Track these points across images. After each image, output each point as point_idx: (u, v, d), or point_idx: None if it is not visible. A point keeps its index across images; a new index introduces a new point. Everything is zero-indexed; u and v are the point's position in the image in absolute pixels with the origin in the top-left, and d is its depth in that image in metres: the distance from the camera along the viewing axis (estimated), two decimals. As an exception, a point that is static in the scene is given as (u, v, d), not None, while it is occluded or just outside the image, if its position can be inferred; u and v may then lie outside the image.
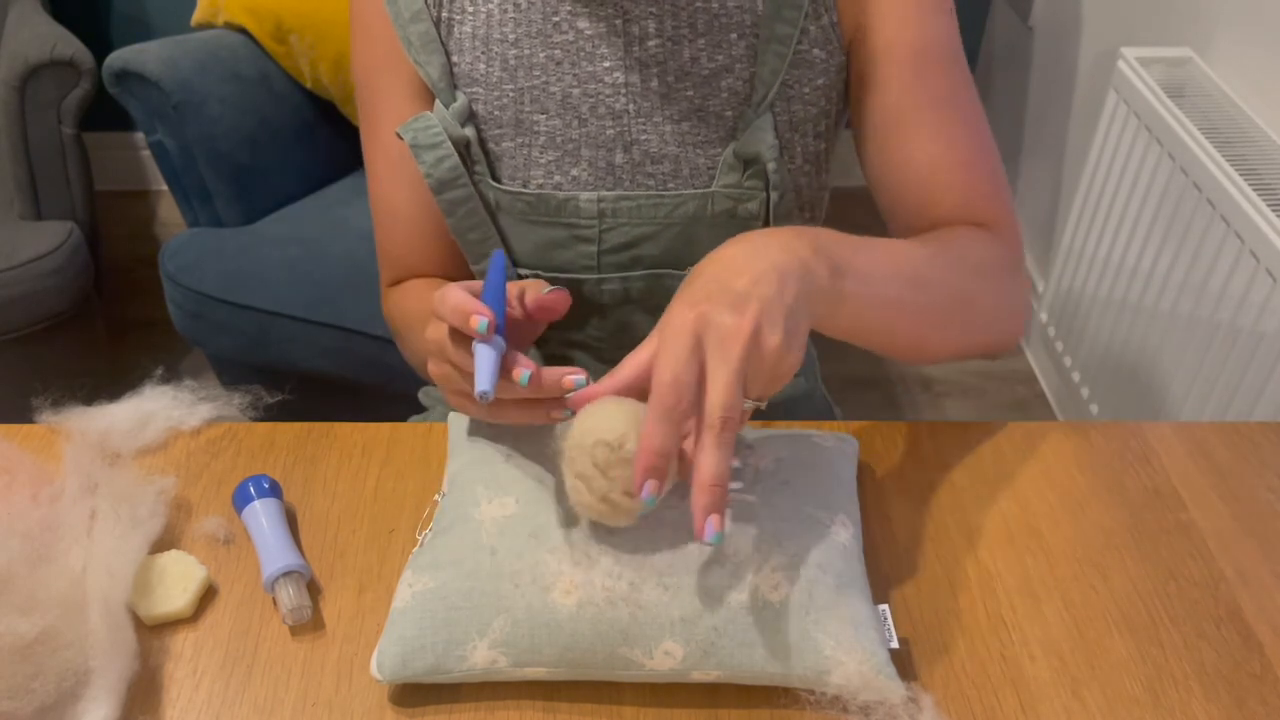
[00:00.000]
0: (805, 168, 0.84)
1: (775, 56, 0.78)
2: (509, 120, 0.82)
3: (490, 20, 0.80)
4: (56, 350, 1.75)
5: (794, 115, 0.81)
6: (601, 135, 0.81)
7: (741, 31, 0.79)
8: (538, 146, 0.82)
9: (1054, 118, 2.08)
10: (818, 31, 0.79)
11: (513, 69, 0.80)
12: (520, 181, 0.83)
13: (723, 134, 0.81)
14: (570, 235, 0.83)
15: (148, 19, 2.39)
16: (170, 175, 1.71)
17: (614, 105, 0.80)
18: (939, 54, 0.79)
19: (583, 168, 0.82)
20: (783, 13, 0.78)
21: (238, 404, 0.80)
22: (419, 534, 0.72)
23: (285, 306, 1.57)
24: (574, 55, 0.80)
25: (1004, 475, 0.78)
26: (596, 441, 0.59)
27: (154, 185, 2.60)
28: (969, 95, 0.81)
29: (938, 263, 0.73)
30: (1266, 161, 1.36)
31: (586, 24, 0.79)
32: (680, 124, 0.80)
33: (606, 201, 0.81)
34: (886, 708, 0.60)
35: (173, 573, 0.67)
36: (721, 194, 0.81)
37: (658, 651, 0.60)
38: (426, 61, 0.81)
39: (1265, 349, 1.27)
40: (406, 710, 0.62)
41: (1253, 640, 0.67)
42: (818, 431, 0.75)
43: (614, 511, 0.60)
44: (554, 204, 0.82)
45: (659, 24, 0.78)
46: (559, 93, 0.80)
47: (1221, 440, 0.81)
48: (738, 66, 0.79)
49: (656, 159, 0.81)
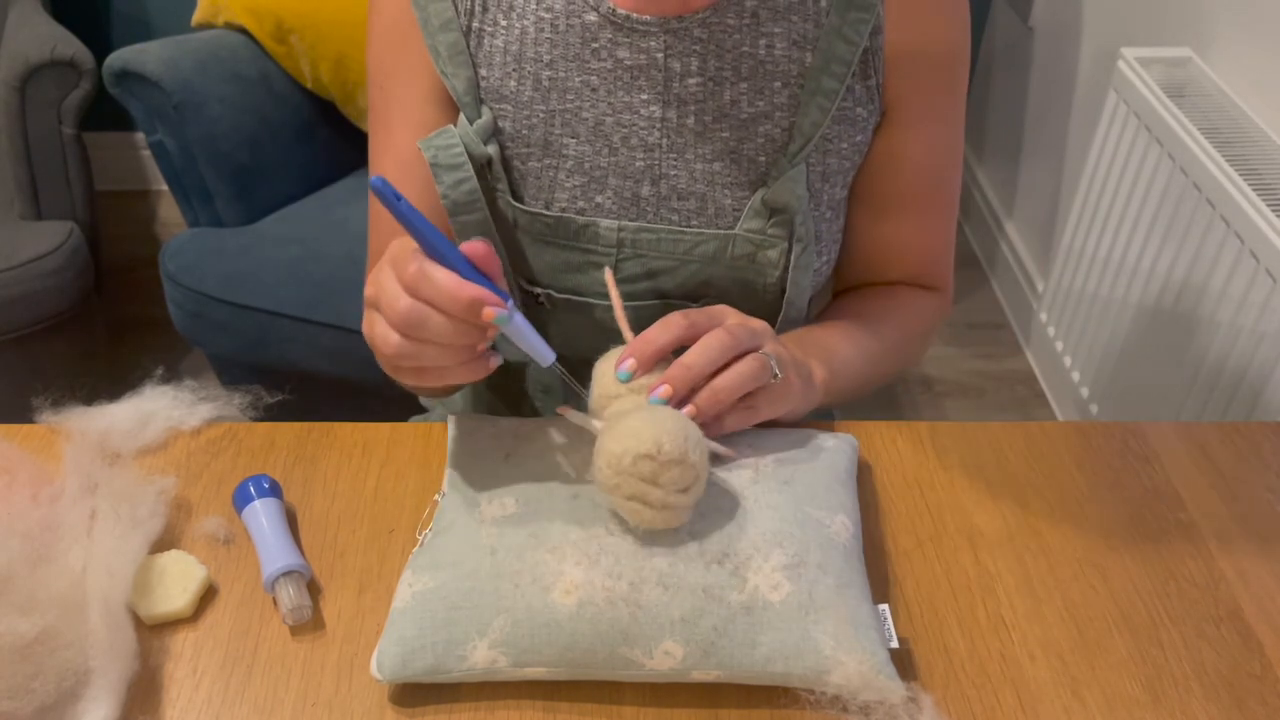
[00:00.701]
0: (828, 214, 0.83)
1: (819, 110, 0.77)
2: (537, 141, 0.80)
3: (524, 38, 0.78)
4: (56, 350, 1.75)
5: (827, 168, 0.81)
6: (631, 166, 0.80)
7: (786, 80, 0.78)
8: (564, 170, 0.80)
9: (1054, 118, 2.08)
10: (863, 91, 0.79)
11: (545, 90, 0.79)
12: (543, 203, 0.81)
13: (753, 178, 0.80)
14: (586, 260, 0.82)
15: (148, 19, 2.39)
16: (170, 175, 1.71)
17: (647, 138, 0.79)
18: (948, 156, 0.85)
19: (608, 196, 0.81)
20: (831, 67, 0.77)
21: (238, 404, 0.80)
22: (419, 534, 0.72)
23: (285, 306, 1.57)
24: (610, 84, 0.78)
25: (1004, 475, 0.78)
26: (636, 458, 0.60)
27: (154, 185, 2.60)
28: (956, 184, 0.88)
29: (890, 342, 0.87)
30: (1266, 161, 1.36)
31: (627, 54, 0.77)
32: (712, 164, 0.79)
33: (627, 231, 0.80)
34: (886, 708, 0.60)
35: (173, 573, 0.67)
36: (744, 237, 0.80)
37: (658, 651, 0.60)
38: (453, 74, 0.79)
39: (1265, 349, 1.27)
40: (406, 710, 0.62)
41: (1253, 640, 0.67)
42: (818, 431, 0.75)
43: (676, 513, 0.62)
44: (574, 228, 0.81)
45: (702, 63, 0.77)
46: (591, 119, 0.79)
47: (1221, 440, 0.81)
48: (777, 114, 0.78)
49: (683, 195, 0.80)
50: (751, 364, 0.68)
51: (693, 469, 0.61)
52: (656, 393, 0.66)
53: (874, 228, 0.87)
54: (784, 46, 0.77)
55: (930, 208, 0.87)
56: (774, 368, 0.70)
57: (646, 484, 0.60)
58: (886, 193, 0.85)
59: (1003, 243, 2.33)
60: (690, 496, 0.62)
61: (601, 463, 0.62)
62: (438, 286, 0.59)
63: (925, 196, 0.86)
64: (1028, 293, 2.18)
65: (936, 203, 0.87)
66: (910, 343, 0.90)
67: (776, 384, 0.70)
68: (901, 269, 0.90)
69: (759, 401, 0.70)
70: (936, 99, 0.81)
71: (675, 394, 0.66)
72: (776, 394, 0.71)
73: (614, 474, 0.61)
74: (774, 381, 0.70)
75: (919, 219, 0.87)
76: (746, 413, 0.70)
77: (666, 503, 0.61)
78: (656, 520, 0.61)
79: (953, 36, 0.80)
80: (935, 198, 0.86)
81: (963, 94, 0.84)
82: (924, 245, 0.89)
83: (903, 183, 0.84)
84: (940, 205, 0.87)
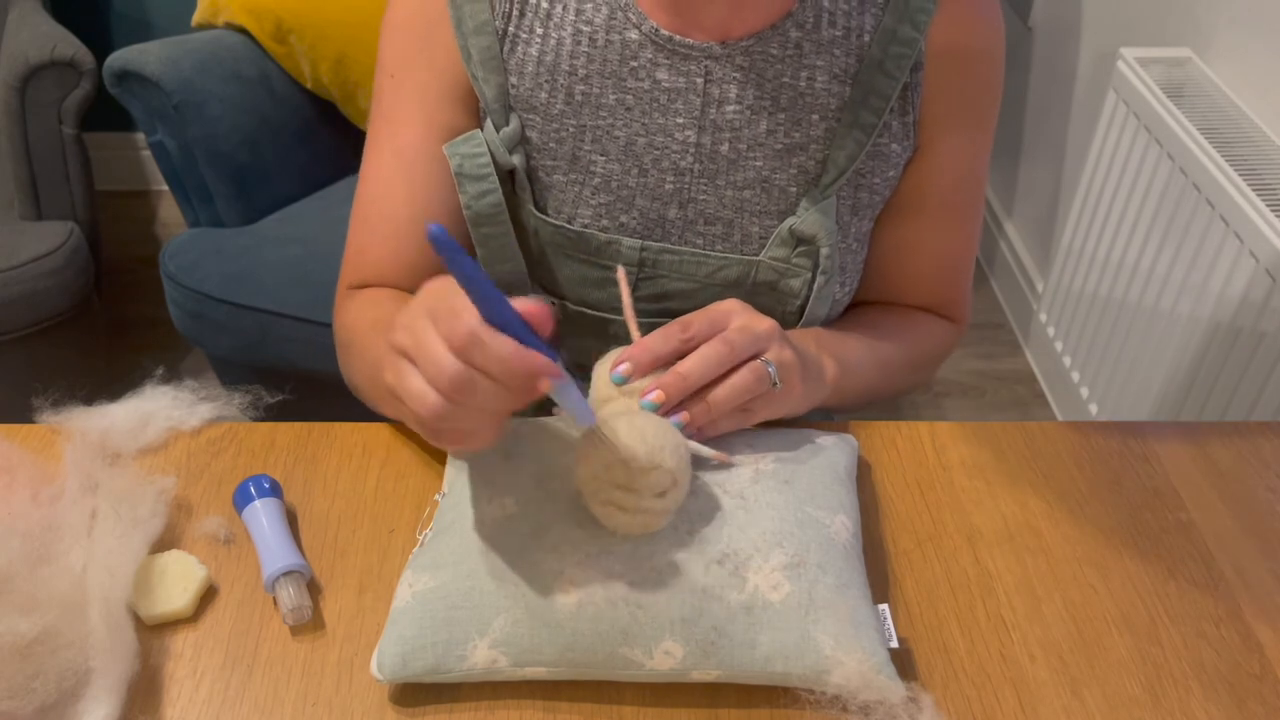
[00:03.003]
0: (854, 246, 0.83)
1: (854, 144, 0.77)
2: (565, 154, 0.79)
3: (560, 49, 0.77)
4: (56, 350, 1.75)
5: (858, 201, 0.80)
6: (660, 189, 0.79)
7: (824, 114, 0.77)
8: (590, 187, 0.79)
9: (1054, 118, 2.08)
10: (899, 127, 0.79)
11: (578, 104, 0.78)
12: (565, 216, 0.80)
13: (783, 207, 0.79)
14: (605, 276, 0.81)
15: (148, 19, 2.39)
16: (171, 175, 1.71)
17: (679, 162, 0.78)
18: (974, 179, 0.85)
19: (633, 216, 0.80)
20: (870, 101, 0.76)
21: (238, 404, 0.80)
22: (419, 534, 0.72)
23: (285, 306, 1.57)
24: (646, 104, 0.77)
25: (1004, 475, 0.78)
26: (610, 464, 0.60)
27: (154, 185, 2.60)
28: (980, 207, 0.88)
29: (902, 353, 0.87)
30: (1266, 161, 1.36)
31: (665, 76, 0.76)
32: (742, 191, 0.79)
33: (650, 252, 0.80)
34: (886, 707, 0.60)
35: (173, 573, 0.67)
36: (768, 265, 0.79)
37: (658, 651, 0.60)
38: (484, 79, 0.78)
39: (1265, 349, 1.27)
40: (406, 710, 0.62)
41: (1252, 640, 0.67)
42: (817, 431, 0.75)
43: (652, 517, 0.61)
44: (595, 244, 0.80)
45: (740, 90, 0.76)
46: (623, 138, 0.78)
47: (1221, 440, 0.81)
48: (813, 147, 0.78)
49: (710, 220, 0.80)
50: (748, 376, 0.67)
51: (670, 474, 0.60)
52: (648, 398, 0.66)
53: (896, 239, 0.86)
54: (825, 80, 0.76)
55: (954, 225, 0.86)
56: (773, 377, 0.68)
57: (621, 490, 0.60)
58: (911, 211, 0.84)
59: (1002, 242, 2.33)
60: (668, 501, 0.61)
61: (578, 467, 0.62)
62: (494, 356, 0.52)
63: (951, 215, 0.85)
64: (1027, 292, 2.18)
65: (961, 222, 0.86)
66: (921, 361, 0.89)
67: (776, 391, 0.69)
68: (918, 293, 0.89)
69: (756, 406, 0.70)
70: (969, 127, 0.82)
71: (668, 401, 0.66)
72: (775, 400, 0.70)
73: (589, 478, 0.61)
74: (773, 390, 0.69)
75: (942, 235, 0.86)
76: (742, 415, 0.70)
77: (641, 507, 0.60)
78: (633, 525, 0.61)
79: (991, 73, 0.80)
80: (959, 217, 0.86)
81: (994, 123, 0.84)
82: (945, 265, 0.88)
83: (931, 203, 0.84)
84: (964, 224, 0.87)
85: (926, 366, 0.91)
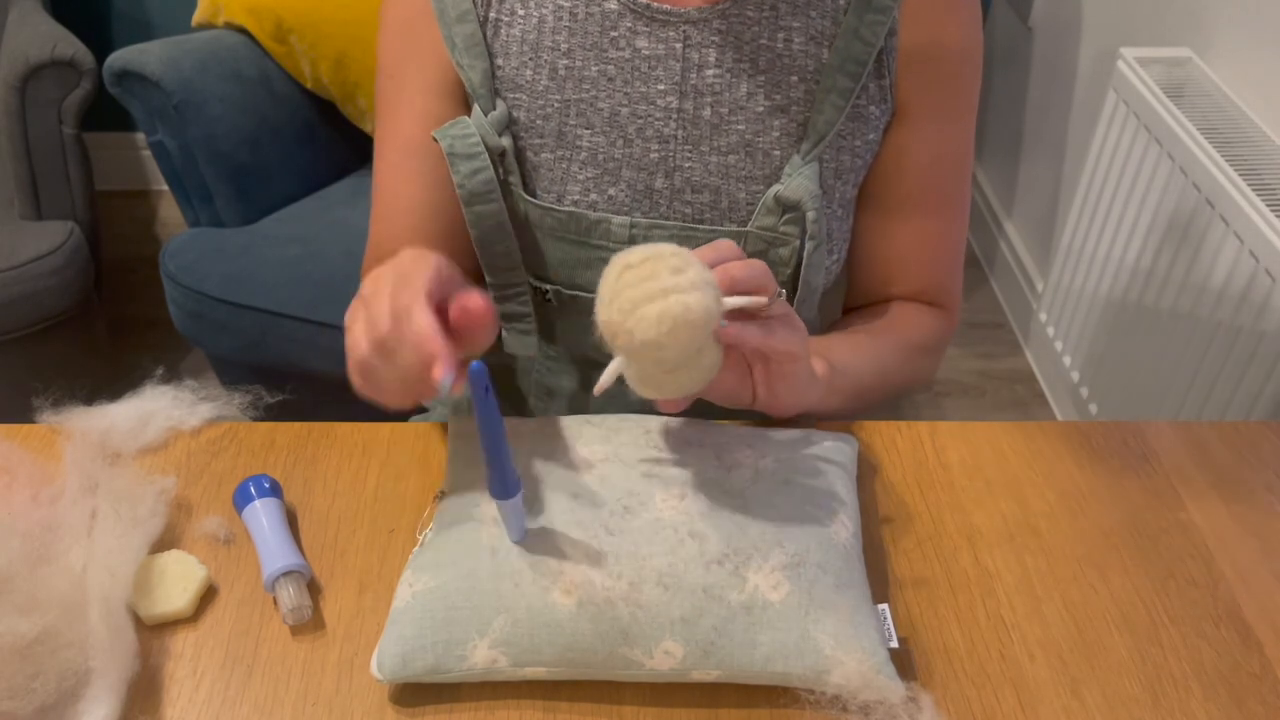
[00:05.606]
0: (839, 212, 0.83)
1: (833, 107, 0.78)
2: (551, 131, 0.80)
3: (542, 26, 0.78)
4: (56, 350, 1.75)
5: (840, 165, 0.81)
6: (645, 158, 0.80)
7: (803, 75, 0.78)
8: (578, 162, 0.80)
9: (1054, 118, 2.08)
10: (877, 89, 0.79)
11: (561, 79, 0.79)
12: (555, 195, 0.81)
13: (768, 172, 0.80)
14: (597, 257, 0.82)
15: (148, 19, 2.39)
16: (171, 175, 1.71)
17: (662, 129, 0.79)
18: (956, 160, 0.85)
19: (621, 188, 0.81)
20: (847, 66, 0.77)
21: (238, 404, 0.80)
22: (419, 534, 0.72)
23: (285, 306, 1.57)
24: (628, 74, 0.78)
25: (1004, 475, 0.78)
26: (624, 267, 0.59)
27: (154, 185, 2.60)
28: (965, 192, 0.88)
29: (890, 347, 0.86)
30: (1266, 161, 1.36)
31: (645, 44, 0.78)
32: (726, 156, 0.79)
33: (639, 228, 0.80)
34: (886, 707, 0.60)
35: (173, 573, 0.67)
36: (756, 235, 0.80)
37: (658, 651, 0.60)
38: (470, 65, 0.79)
39: (1265, 349, 1.27)
40: (406, 710, 0.62)
41: (1252, 640, 0.67)
42: (817, 431, 0.75)
43: (682, 296, 0.58)
44: (585, 224, 0.81)
45: (720, 54, 0.77)
46: (607, 110, 0.79)
47: (1221, 440, 0.81)
48: (793, 109, 0.79)
49: (697, 188, 0.80)
50: (760, 264, 0.65)
51: (694, 266, 0.59)
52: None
53: (881, 226, 0.87)
54: (801, 41, 0.77)
55: (937, 210, 0.86)
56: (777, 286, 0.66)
57: (644, 292, 0.58)
58: (894, 193, 0.85)
59: (1002, 242, 2.33)
60: (692, 275, 0.59)
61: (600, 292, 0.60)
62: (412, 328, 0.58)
63: (932, 197, 0.85)
64: (1027, 292, 2.18)
65: (943, 205, 0.86)
66: (914, 352, 0.89)
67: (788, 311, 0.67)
68: (906, 279, 0.89)
69: (774, 324, 0.67)
70: (946, 100, 0.82)
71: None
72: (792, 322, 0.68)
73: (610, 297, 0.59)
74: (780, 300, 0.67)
75: (924, 220, 0.86)
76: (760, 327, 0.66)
77: (665, 286, 0.58)
78: (667, 309, 0.58)
79: (964, 40, 0.80)
80: (942, 200, 0.86)
81: (973, 98, 0.84)
82: (930, 250, 0.88)
83: (910, 181, 0.84)
84: (947, 209, 0.87)
85: (922, 359, 0.91)
